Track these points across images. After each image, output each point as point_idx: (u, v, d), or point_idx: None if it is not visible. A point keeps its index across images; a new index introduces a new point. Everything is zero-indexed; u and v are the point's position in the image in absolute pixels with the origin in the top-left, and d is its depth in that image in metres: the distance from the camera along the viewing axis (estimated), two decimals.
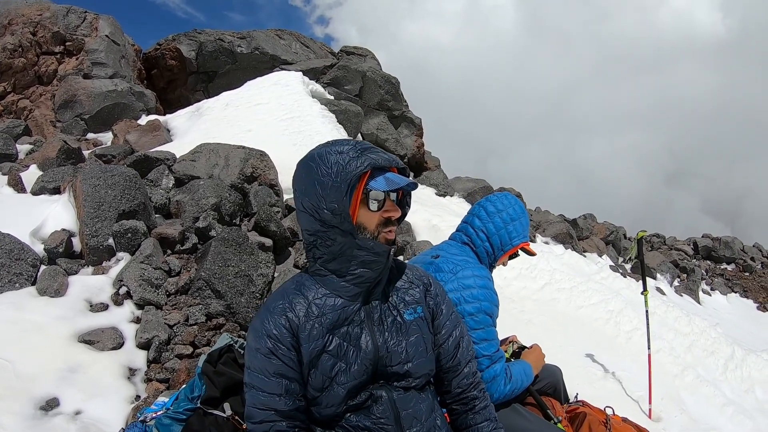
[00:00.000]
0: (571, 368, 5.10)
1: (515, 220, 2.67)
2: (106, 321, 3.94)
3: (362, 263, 1.63)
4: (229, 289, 4.43)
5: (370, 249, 1.61)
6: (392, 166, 1.65)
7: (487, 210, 2.71)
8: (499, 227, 2.64)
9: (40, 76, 12.91)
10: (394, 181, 1.60)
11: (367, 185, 1.59)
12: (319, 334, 1.63)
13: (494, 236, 2.64)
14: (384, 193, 1.61)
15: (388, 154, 1.65)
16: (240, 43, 16.56)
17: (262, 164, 6.93)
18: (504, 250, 2.66)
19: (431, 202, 11.24)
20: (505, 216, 2.66)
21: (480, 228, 2.68)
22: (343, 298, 1.68)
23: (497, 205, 2.71)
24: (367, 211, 1.62)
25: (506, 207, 2.70)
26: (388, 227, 1.64)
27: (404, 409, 1.67)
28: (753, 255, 18.13)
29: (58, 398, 3.10)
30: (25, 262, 4.18)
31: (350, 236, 1.60)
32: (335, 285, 1.68)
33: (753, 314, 14.43)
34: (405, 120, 16.49)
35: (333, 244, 1.63)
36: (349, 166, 1.58)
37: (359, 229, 1.62)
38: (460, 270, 2.45)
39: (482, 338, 2.33)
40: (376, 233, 1.62)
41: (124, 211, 4.89)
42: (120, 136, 10.46)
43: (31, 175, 6.54)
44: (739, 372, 6.94)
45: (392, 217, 1.64)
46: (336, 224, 1.60)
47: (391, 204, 1.64)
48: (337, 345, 1.63)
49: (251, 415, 1.63)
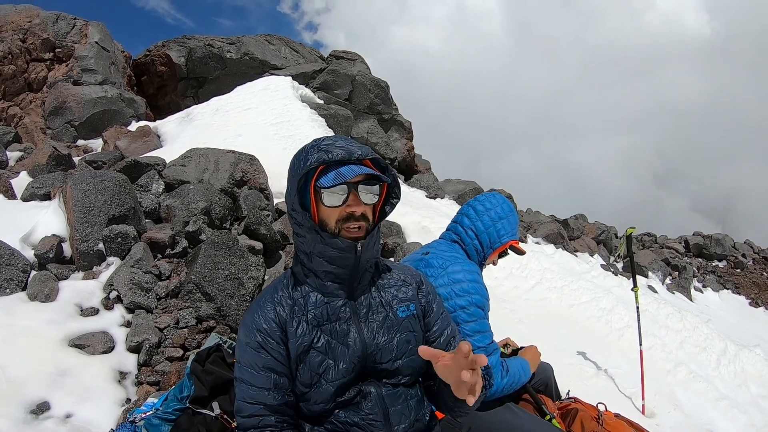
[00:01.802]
0: (563, 366, 5.12)
1: (503, 219, 2.70)
2: (97, 325, 3.93)
3: (330, 259, 1.63)
4: (219, 292, 4.43)
5: (333, 244, 1.61)
6: (363, 158, 1.61)
7: (475, 209, 2.74)
8: (487, 225, 2.68)
9: (30, 83, 12.89)
10: (342, 174, 1.55)
11: (317, 182, 1.59)
12: (305, 330, 1.64)
13: (483, 234, 2.68)
14: (348, 187, 1.57)
15: (357, 146, 1.62)
16: (229, 48, 16.58)
17: (252, 168, 6.93)
18: (493, 248, 2.69)
19: (421, 204, 11.27)
20: (494, 214, 2.70)
21: (469, 226, 2.71)
22: (324, 295, 1.69)
23: (485, 204, 2.74)
24: (324, 206, 1.61)
25: (494, 206, 2.73)
26: (350, 222, 1.60)
27: (393, 405, 1.67)
28: (744, 252, 18.23)
29: (48, 402, 3.09)
30: (15, 268, 4.16)
31: (315, 233, 1.61)
32: (315, 282, 1.70)
33: (745, 310, 14.52)
34: (395, 123, 16.53)
35: (305, 241, 1.66)
36: (302, 162, 1.60)
37: (323, 225, 1.62)
38: (449, 265, 2.48)
39: (476, 330, 2.36)
40: (337, 229, 1.61)
41: (114, 216, 4.87)
42: (110, 143, 10.43)
43: (22, 182, 6.53)
44: (732, 367, 6.98)
45: (355, 212, 1.59)
46: (300, 221, 1.63)
47: (355, 198, 1.59)
48: (325, 342, 1.64)
49: (240, 409, 1.64)
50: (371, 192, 1.62)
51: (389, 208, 1.77)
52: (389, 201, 1.77)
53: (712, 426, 5.07)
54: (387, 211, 1.77)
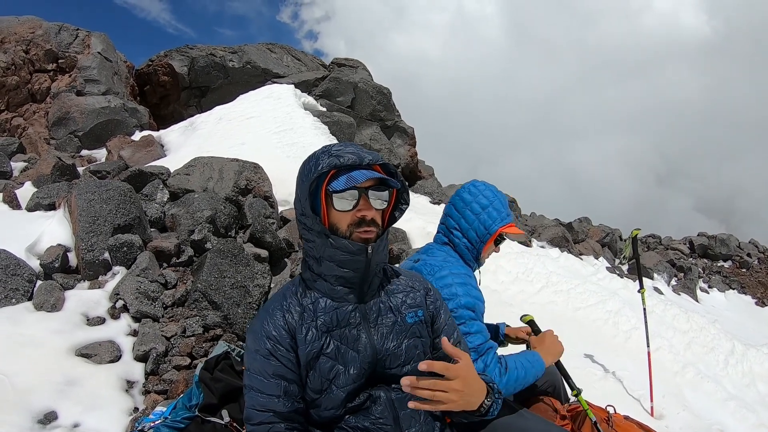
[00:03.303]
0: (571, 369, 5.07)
1: (487, 207, 2.59)
2: (103, 334, 3.92)
3: (340, 263, 1.63)
4: (225, 300, 4.42)
5: (343, 247, 1.61)
6: (373, 164, 1.62)
7: (456, 206, 2.66)
8: (471, 220, 2.59)
9: (33, 93, 12.96)
10: (354, 178, 1.57)
11: (329, 186, 1.60)
12: (315, 336, 1.64)
13: (469, 231, 2.59)
14: (358, 192, 1.59)
15: (367, 152, 1.63)
16: (232, 57, 16.64)
17: (256, 176, 6.95)
18: (483, 241, 2.59)
19: (426, 210, 11.27)
20: (476, 207, 2.59)
21: (453, 226, 2.64)
22: (333, 300, 1.69)
23: (465, 197, 2.64)
24: (335, 211, 1.62)
25: (475, 196, 2.63)
26: (363, 227, 1.61)
27: (403, 409, 1.67)
28: (749, 251, 18.15)
29: (56, 411, 3.08)
30: (21, 278, 4.17)
31: (324, 237, 1.62)
32: (324, 287, 1.70)
33: (752, 310, 14.43)
34: (398, 130, 16.54)
35: (314, 246, 1.66)
36: (313, 167, 1.60)
37: (333, 230, 1.63)
38: (437, 270, 2.42)
39: (464, 332, 2.26)
40: (348, 233, 1.61)
41: (120, 226, 4.88)
42: (114, 153, 10.47)
43: (26, 192, 6.55)
44: (740, 367, 6.94)
45: (366, 217, 1.61)
46: (310, 225, 1.63)
47: (365, 203, 1.61)
48: (334, 347, 1.64)
49: (250, 416, 1.64)
50: (381, 197, 1.63)
51: (398, 214, 1.77)
52: (398, 207, 1.77)
53: (722, 426, 5.03)
54: (396, 216, 1.77)
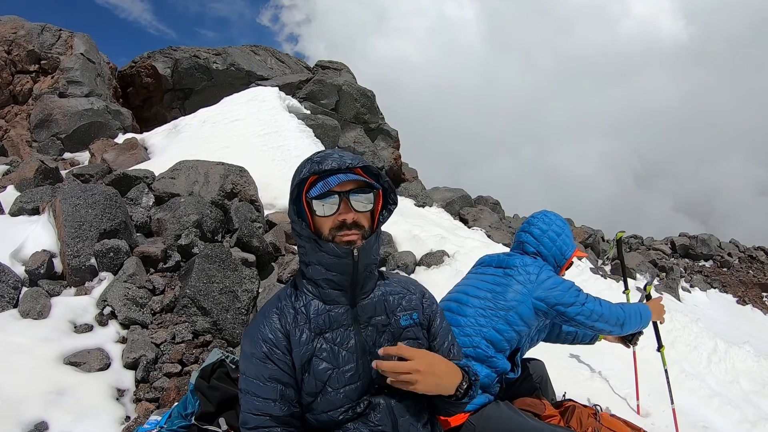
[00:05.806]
0: (558, 369, 5.14)
1: (561, 235, 2.95)
2: (92, 342, 3.88)
3: (328, 266, 1.67)
4: (214, 305, 4.40)
5: (329, 251, 1.65)
6: (353, 167, 1.66)
7: (533, 234, 2.97)
8: (549, 247, 2.91)
9: (15, 95, 12.76)
10: (329, 183, 1.62)
11: (307, 192, 1.65)
12: (308, 338, 1.66)
13: (549, 258, 2.91)
14: (339, 196, 1.63)
15: (350, 156, 1.67)
16: (215, 59, 16.52)
17: (242, 180, 6.91)
18: (560, 265, 2.96)
19: (411, 213, 11.27)
20: (552, 234, 2.93)
21: (533, 252, 2.93)
22: (325, 303, 1.71)
23: (540, 226, 2.98)
24: (316, 216, 1.66)
25: (549, 225, 2.97)
26: (343, 230, 1.65)
27: (401, 415, 1.69)
28: (730, 251, 18.42)
29: (46, 422, 3.04)
30: (6, 285, 4.11)
31: (313, 241, 1.66)
32: (315, 290, 1.72)
33: (733, 308, 14.65)
34: (381, 132, 16.54)
35: (305, 251, 1.71)
36: (296, 174, 1.67)
37: (319, 234, 1.67)
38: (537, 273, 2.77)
39: (564, 292, 2.68)
40: (330, 237, 1.65)
41: (106, 231, 4.83)
42: (97, 156, 10.33)
43: (9, 196, 6.42)
44: (723, 364, 7.04)
45: (346, 220, 1.64)
46: (299, 231, 1.69)
47: (346, 206, 1.65)
48: (327, 349, 1.66)
49: (246, 420, 1.64)
50: (362, 200, 1.67)
51: (387, 213, 1.80)
52: (387, 207, 1.80)
53: (707, 423, 5.11)
54: (385, 215, 1.80)
